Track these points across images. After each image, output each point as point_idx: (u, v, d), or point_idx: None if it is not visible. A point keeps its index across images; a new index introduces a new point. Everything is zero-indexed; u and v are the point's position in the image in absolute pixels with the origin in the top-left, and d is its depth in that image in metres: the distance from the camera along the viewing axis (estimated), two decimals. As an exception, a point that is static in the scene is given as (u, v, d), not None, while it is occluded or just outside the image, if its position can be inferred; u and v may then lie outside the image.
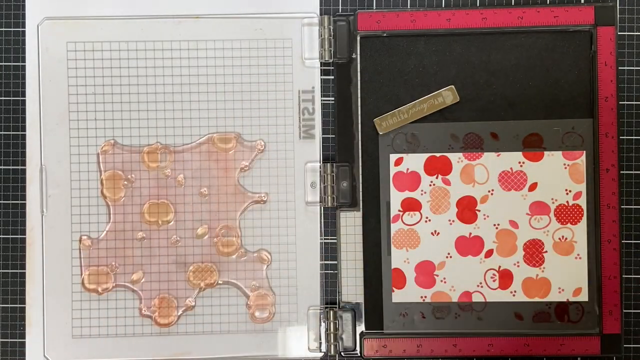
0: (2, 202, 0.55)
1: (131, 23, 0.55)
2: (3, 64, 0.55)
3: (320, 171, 0.55)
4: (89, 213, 0.54)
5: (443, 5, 0.56)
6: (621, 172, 0.55)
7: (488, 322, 0.54)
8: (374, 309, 0.55)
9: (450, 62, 0.55)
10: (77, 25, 0.55)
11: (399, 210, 0.55)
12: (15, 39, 0.55)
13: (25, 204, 0.55)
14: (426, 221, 0.54)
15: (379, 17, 0.54)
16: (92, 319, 0.54)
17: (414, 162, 0.55)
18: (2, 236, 0.55)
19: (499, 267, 0.54)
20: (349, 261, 0.55)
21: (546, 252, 0.54)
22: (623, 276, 0.54)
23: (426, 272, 0.54)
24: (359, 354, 0.54)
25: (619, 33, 0.55)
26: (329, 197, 0.55)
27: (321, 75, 0.55)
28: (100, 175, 0.55)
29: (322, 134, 0.55)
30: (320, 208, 0.55)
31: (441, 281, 0.54)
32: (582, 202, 0.54)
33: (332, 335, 0.54)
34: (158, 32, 0.55)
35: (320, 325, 0.55)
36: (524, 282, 0.54)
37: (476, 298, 0.54)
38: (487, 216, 0.54)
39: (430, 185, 0.54)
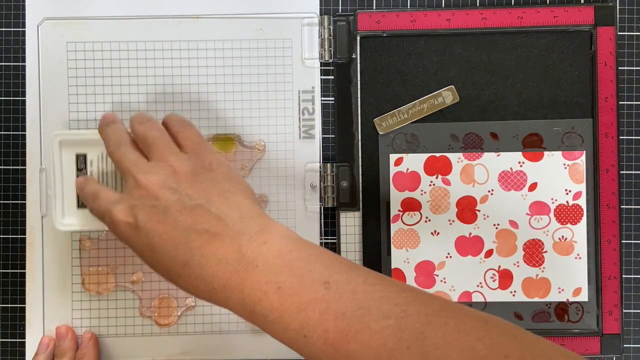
0: (2, 202, 0.55)
1: (131, 23, 0.55)
2: (3, 64, 0.55)
3: (320, 171, 0.55)
4: (89, 213, 0.54)
5: (443, 5, 0.56)
6: (621, 172, 0.55)
7: (488, 322, 0.54)
8: (374, 309, 0.54)
9: (450, 62, 0.55)
10: (77, 25, 0.55)
11: (399, 210, 0.55)
12: (15, 39, 0.55)
13: (25, 204, 0.54)
14: (426, 221, 0.54)
15: (379, 17, 0.54)
16: (92, 319, 0.54)
17: (414, 162, 0.55)
18: (2, 236, 0.55)
19: (499, 267, 0.54)
20: (349, 261, 0.55)
21: (546, 252, 0.54)
22: (623, 276, 0.54)
23: (426, 272, 0.54)
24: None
25: (618, 33, 0.55)
26: (329, 197, 0.55)
27: (321, 75, 0.55)
28: (100, 175, 0.55)
29: (322, 134, 0.55)
30: (320, 208, 0.55)
31: (441, 281, 0.54)
32: (582, 202, 0.54)
33: (332, 335, 0.54)
34: (158, 32, 0.55)
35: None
36: (524, 282, 0.54)
37: (476, 298, 0.54)
38: (487, 216, 0.54)
39: (430, 185, 0.54)
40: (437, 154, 0.55)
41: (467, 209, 0.54)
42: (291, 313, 0.38)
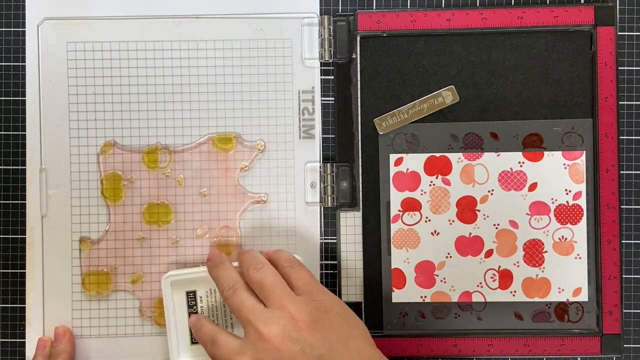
0: (2, 202, 0.55)
1: (131, 23, 0.55)
2: (3, 64, 0.55)
3: (320, 171, 0.55)
4: (89, 213, 0.54)
5: (443, 5, 0.56)
6: (621, 172, 0.55)
7: (488, 322, 0.54)
8: (374, 309, 0.55)
9: (450, 62, 0.55)
10: (77, 25, 0.55)
11: (399, 210, 0.55)
12: (15, 39, 0.55)
13: (25, 204, 0.54)
14: (426, 221, 0.54)
15: (379, 17, 0.54)
16: (92, 319, 0.54)
17: (414, 162, 0.55)
18: (2, 236, 0.55)
19: (499, 267, 0.54)
20: (349, 261, 0.55)
21: (546, 252, 0.54)
22: (623, 276, 0.54)
23: (426, 272, 0.54)
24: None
25: (618, 33, 0.55)
26: (329, 197, 0.55)
27: (321, 75, 0.55)
28: (100, 175, 0.55)
29: (322, 134, 0.55)
30: (320, 208, 0.55)
31: (441, 281, 0.54)
32: (582, 202, 0.54)
33: (332, 335, 0.54)
34: (158, 32, 0.55)
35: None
36: (524, 282, 0.54)
37: (476, 298, 0.54)
38: (487, 216, 0.54)
39: (430, 185, 0.54)
40: (437, 154, 0.55)
41: (467, 209, 0.54)
42: None
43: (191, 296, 0.52)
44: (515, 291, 0.54)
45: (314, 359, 0.42)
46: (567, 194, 0.54)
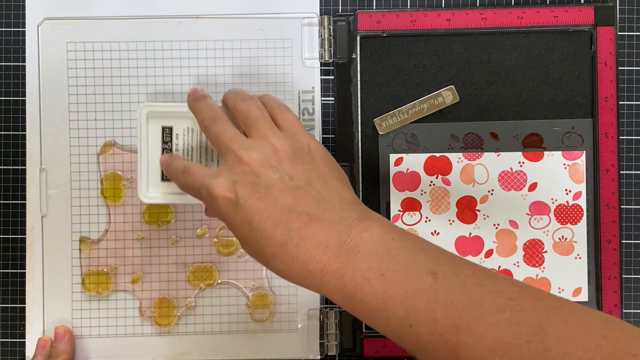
0: (2, 202, 0.55)
1: (131, 23, 0.55)
2: (3, 64, 0.55)
3: (320, 171, 0.55)
4: (89, 213, 0.54)
5: (443, 5, 0.56)
6: (621, 172, 0.55)
7: (488, 322, 0.54)
8: (374, 309, 0.54)
9: (450, 62, 0.55)
10: (77, 25, 0.55)
11: (399, 210, 0.55)
12: (15, 39, 0.55)
13: (25, 204, 0.54)
14: (426, 221, 0.54)
15: (379, 17, 0.54)
16: (92, 319, 0.54)
17: (414, 162, 0.55)
18: (2, 236, 0.55)
19: (499, 267, 0.54)
20: (349, 261, 0.55)
21: (546, 252, 0.54)
22: (623, 276, 0.54)
23: (426, 272, 0.54)
24: (359, 354, 0.54)
25: (618, 33, 0.55)
26: (329, 197, 0.55)
27: (321, 75, 0.55)
28: (100, 175, 0.55)
29: (322, 134, 0.55)
30: (320, 208, 0.55)
31: (441, 281, 0.54)
32: (582, 202, 0.54)
33: (332, 335, 0.54)
34: (158, 32, 0.55)
35: (320, 325, 0.55)
36: (524, 282, 0.54)
37: (476, 298, 0.54)
38: (487, 216, 0.54)
39: (430, 185, 0.54)
40: (437, 154, 0.55)
41: (467, 209, 0.54)
42: (395, 301, 0.37)
43: (167, 132, 0.49)
44: (515, 291, 0.54)
45: (291, 189, 0.40)
46: (567, 194, 0.54)
